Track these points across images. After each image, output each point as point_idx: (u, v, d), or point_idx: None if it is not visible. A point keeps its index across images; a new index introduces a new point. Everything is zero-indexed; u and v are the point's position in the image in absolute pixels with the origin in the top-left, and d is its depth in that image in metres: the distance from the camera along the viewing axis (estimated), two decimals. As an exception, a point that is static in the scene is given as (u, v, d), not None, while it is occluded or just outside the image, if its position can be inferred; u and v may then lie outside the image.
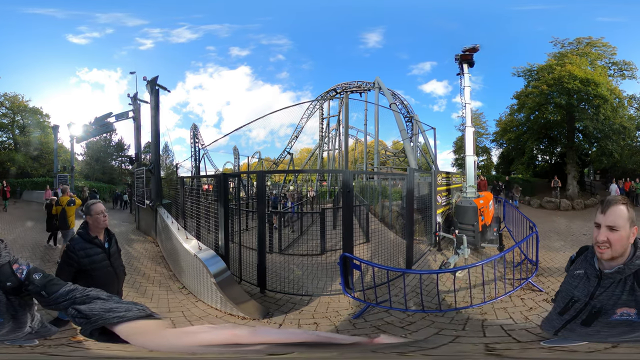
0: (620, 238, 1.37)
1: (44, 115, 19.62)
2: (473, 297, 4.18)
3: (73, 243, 2.65)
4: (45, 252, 7.16)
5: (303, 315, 4.09)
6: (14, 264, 1.48)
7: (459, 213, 7.46)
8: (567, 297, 1.56)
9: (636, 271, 1.36)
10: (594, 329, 1.42)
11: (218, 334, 0.75)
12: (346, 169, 12.62)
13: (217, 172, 18.38)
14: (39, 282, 1.41)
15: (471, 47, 8.52)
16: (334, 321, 3.94)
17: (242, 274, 5.26)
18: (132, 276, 5.30)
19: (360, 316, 3.98)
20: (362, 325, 3.81)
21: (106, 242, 2.76)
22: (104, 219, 2.70)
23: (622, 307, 1.35)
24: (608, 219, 1.38)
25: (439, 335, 3.43)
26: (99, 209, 2.69)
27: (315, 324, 3.91)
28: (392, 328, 3.66)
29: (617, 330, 1.36)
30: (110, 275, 2.72)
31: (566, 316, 1.54)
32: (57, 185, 15.76)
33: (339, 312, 4.17)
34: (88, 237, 2.67)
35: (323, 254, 6.77)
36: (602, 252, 1.39)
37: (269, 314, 4.08)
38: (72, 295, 1.27)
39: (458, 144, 22.37)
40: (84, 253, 2.60)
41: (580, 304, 1.48)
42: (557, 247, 7.10)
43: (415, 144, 15.37)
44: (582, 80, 15.08)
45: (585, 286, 1.49)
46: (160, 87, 9.56)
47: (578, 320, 1.48)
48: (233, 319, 3.84)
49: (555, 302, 1.77)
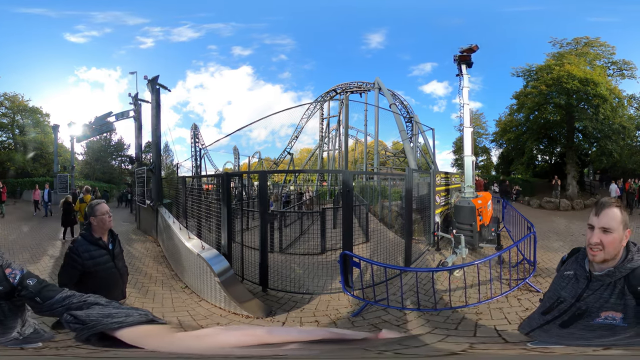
0: (613, 240, 1.36)
1: (44, 114, 19.67)
2: (469, 297, 4.19)
3: (76, 245, 2.57)
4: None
5: (304, 314, 4.13)
6: (7, 269, 1.42)
7: (457, 213, 7.48)
8: (554, 297, 1.54)
9: (627, 275, 1.34)
10: (569, 331, 1.40)
11: (235, 335, 0.74)
12: (346, 169, 12.64)
13: (218, 172, 18.40)
14: (33, 287, 1.37)
15: (468, 48, 8.52)
16: (334, 319, 3.98)
17: (244, 273, 5.30)
18: (134, 276, 5.33)
19: (359, 314, 4.02)
20: (360, 323, 3.86)
21: (110, 243, 2.69)
22: (109, 220, 2.63)
23: (608, 310, 1.33)
24: (601, 221, 1.38)
25: (431, 334, 3.46)
26: (104, 210, 2.61)
27: (316, 321, 3.96)
28: (390, 327, 3.71)
29: (595, 334, 1.33)
30: (115, 276, 2.68)
31: (548, 316, 1.52)
32: (56, 185, 15.82)
33: (338, 310, 4.22)
34: (92, 238, 2.60)
35: (323, 253, 6.81)
36: (594, 255, 1.38)
37: (272, 312, 4.11)
38: (69, 302, 1.24)
39: (458, 144, 22.39)
40: (88, 255, 2.53)
41: (565, 304, 1.46)
42: (556, 247, 7.11)
43: (415, 144, 15.39)
44: (581, 80, 15.10)
45: (573, 287, 1.47)
46: (161, 86, 9.55)
47: (558, 321, 1.46)
48: (237, 318, 3.86)
49: (541, 302, 1.74)
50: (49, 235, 8.84)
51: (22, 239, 8.63)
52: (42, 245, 7.67)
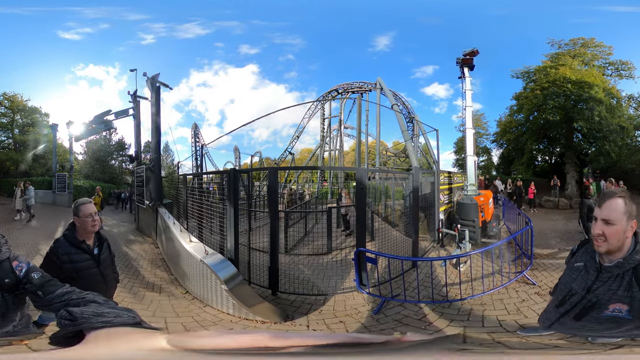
0: (615, 232, 1.34)
1: (44, 114, 19.54)
2: (474, 289, 4.41)
3: (56, 245, 2.34)
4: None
5: (325, 315, 4.04)
6: (14, 261, 1.43)
7: (461, 209, 7.63)
8: (565, 290, 1.54)
9: (635, 267, 1.33)
10: (582, 323, 1.41)
11: (239, 339, 0.75)
12: (359, 166, 12.61)
13: (219, 170, 18.33)
14: (37, 281, 1.38)
15: (470, 51, 8.71)
16: (358, 318, 3.93)
17: (250, 276, 5.07)
18: (130, 280, 5.11)
19: (379, 311, 4.02)
20: (385, 320, 3.85)
21: (96, 248, 2.45)
22: (92, 223, 2.37)
23: (615, 302, 1.32)
24: (603, 212, 1.37)
25: (450, 326, 3.52)
26: (88, 211, 2.34)
27: (341, 322, 3.86)
28: (411, 321, 3.75)
29: (603, 327, 1.33)
30: (98, 283, 2.40)
31: (561, 309, 1.52)
32: (55, 184, 15.67)
33: (357, 309, 4.17)
34: (74, 240, 2.36)
35: (330, 253, 6.78)
36: (599, 245, 1.38)
37: (289, 316, 3.97)
38: (68, 297, 1.25)
39: (459, 144, 22.51)
40: (67, 258, 2.30)
41: (577, 297, 1.46)
42: (553, 244, 7.33)
43: (416, 144, 15.44)
44: (575, 83, 15.27)
45: (583, 279, 1.47)
46: (161, 84, 9.44)
47: (571, 314, 1.46)
48: (251, 324, 3.71)
49: (554, 294, 1.75)
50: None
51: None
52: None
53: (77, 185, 16.40)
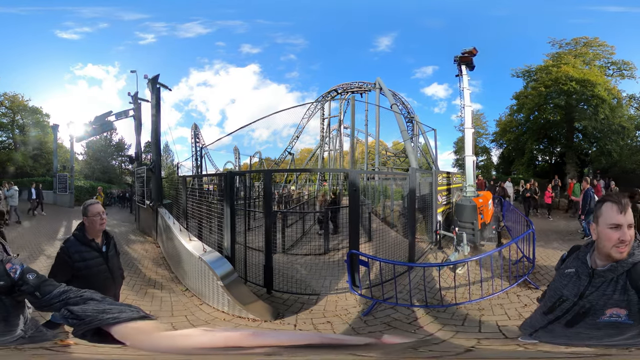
0: (633, 234, 1.35)
1: (44, 114, 19.61)
2: (472, 294, 4.28)
3: (67, 245, 2.47)
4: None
5: (314, 315, 4.07)
6: (7, 263, 1.41)
7: (459, 211, 7.55)
8: (555, 297, 1.51)
9: (629, 270, 1.31)
10: (575, 330, 1.37)
11: (214, 337, 0.74)
12: (352, 168, 12.62)
13: (218, 172, 18.37)
14: (33, 282, 1.37)
15: (469, 50, 8.64)
16: (346, 319, 3.94)
17: (247, 275, 5.19)
18: (132, 278, 5.24)
19: (369, 313, 4.02)
20: (373, 323, 3.85)
21: (104, 246, 2.59)
22: (100, 222, 2.51)
23: (612, 307, 1.29)
24: (628, 218, 1.35)
25: (442, 331, 3.49)
26: (96, 210, 2.49)
27: (328, 322, 3.89)
28: (401, 324, 3.73)
29: (602, 333, 1.30)
30: (107, 280, 2.57)
31: (550, 316, 1.49)
32: (55, 185, 15.75)
33: (347, 309, 4.19)
34: (84, 239, 2.50)
35: (326, 254, 6.80)
36: (622, 251, 1.34)
37: (280, 314, 4.03)
38: (66, 296, 1.24)
39: (458, 144, 22.45)
40: (79, 256, 2.43)
41: (568, 303, 1.43)
42: (555, 245, 7.18)
43: (416, 144, 15.41)
44: (579, 81, 15.19)
45: (575, 285, 1.44)
46: (161, 85, 9.47)
47: (562, 321, 1.43)
48: (243, 322, 3.78)
49: (541, 301, 1.71)
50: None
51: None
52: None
53: (77, 186, 16.46)
